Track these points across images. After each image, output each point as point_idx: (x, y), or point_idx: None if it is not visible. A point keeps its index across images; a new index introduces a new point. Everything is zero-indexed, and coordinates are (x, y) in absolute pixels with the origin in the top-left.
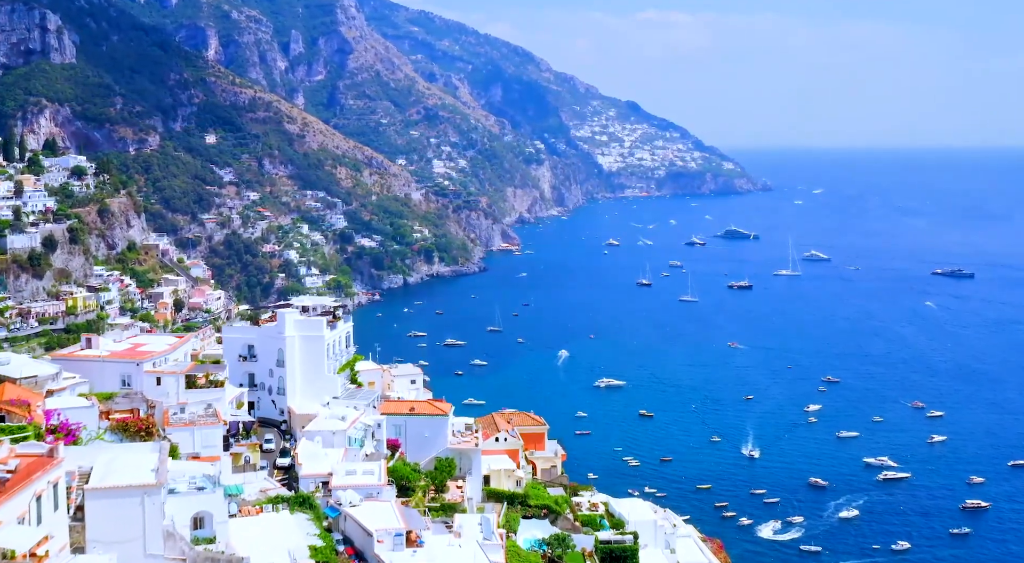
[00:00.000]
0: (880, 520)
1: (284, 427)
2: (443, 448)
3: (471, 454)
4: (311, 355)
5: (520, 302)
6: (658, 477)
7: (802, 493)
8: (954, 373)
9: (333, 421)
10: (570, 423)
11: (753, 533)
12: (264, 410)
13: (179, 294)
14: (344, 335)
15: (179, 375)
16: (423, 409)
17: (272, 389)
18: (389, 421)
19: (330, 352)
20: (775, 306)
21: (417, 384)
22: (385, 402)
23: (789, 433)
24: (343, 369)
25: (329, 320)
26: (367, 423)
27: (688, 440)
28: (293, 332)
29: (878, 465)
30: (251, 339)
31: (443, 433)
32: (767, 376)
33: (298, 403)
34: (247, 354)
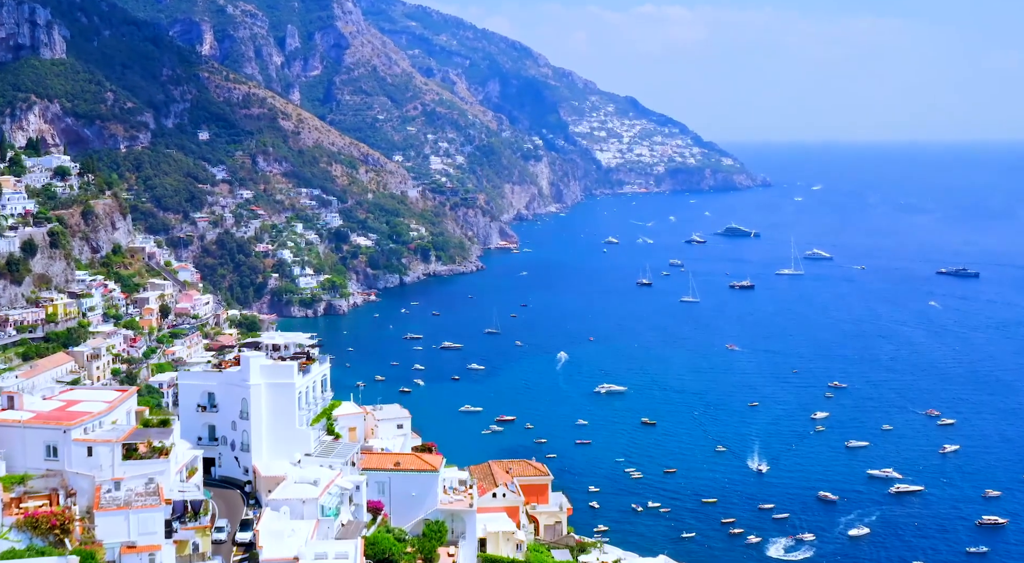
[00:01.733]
0: (894, 537)
1: (248, 489)
2: (433, 508)
3: (465, 516)
4: (280, 406)
5: (518, 303)
6: (662, 490)
7: (812, 508)
8: (964, 378)
9: (303, 487)
10: (570, 432)
11: (762, 552)
12: (226, 468)
13: (166, 299)
14: (320, 379)
15: (115, 444)
16: (409, 464)
17: (235, 444)
18: (371, 477)
19: (303, 401)
20: (778, 307)
21: (404, 429)
22: (366, 456)
23: (796, 443)
24: (318, 419)
25: (301, 363)
26: (344, 486)
27: (692, 450)
28: (259, 379)
29: (883, 477)
30: (211, 386)
31: (432, 491)
32: (772, 381)
33: (264, 462)
34: (207, 403)
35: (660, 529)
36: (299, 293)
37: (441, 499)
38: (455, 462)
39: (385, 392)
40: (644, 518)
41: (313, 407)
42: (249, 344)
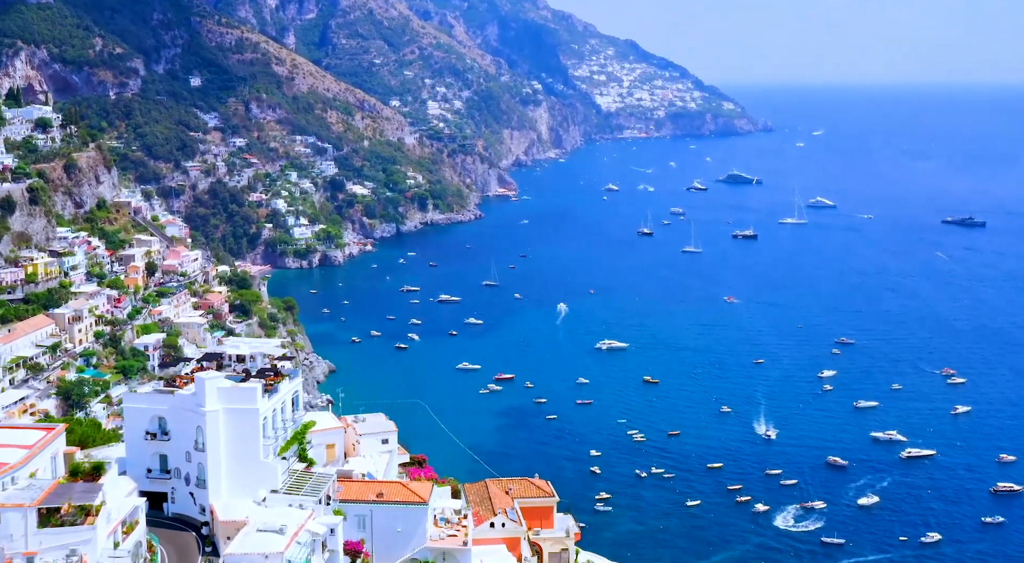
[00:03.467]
0: (906, 506)
1: (206, 531)
2: (421, 547)
3: (459, 555)
4: (241, 435)
5: (517, 254)
6: (665, 454)
7: (820, 474)
8: (973, 334)
9: (267, 537)
10: (570, 391)
11: (770, 522)
12: (181, 504)
13: (152, 256)
14: (290, 397)
15: (28, 509)
16: (394, 494)
17: (190, 478)
18: (350, 511)
19: (268, 428)
20: (782, 258)
21: (390, 444)
22: (344, 485)
23: (804, 404)
24: (287, 446)
25: (266, 383)
26: (315, 532)
27: (696, 411)
28: (216, 405)
29: (887, 440)
30: (161, 410)
31: (421, 526)
32: (777, 337)
33: (223, 502)
34: (157, 430)
35: (664, 497)
36: (293, 244)
37: (431, 534)
38: (452, 426)
39: (381, 348)
40: (648, 485)
41: (281, 433)
42: (211, 356)
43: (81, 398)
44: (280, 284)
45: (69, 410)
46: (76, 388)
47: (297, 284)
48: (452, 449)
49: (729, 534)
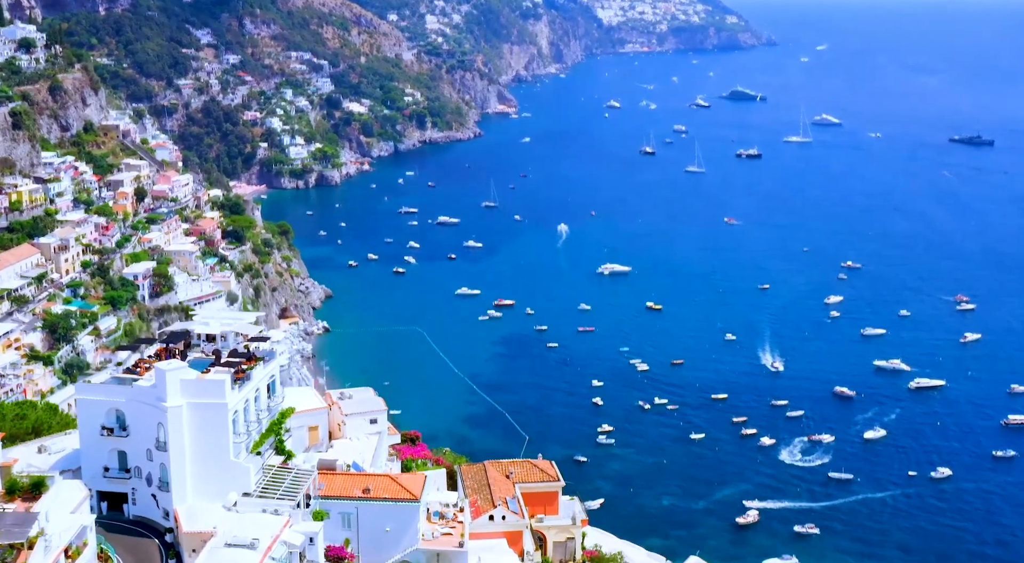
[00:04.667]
0: (915, 440)
1: (170, 538)
2: (413, 547)
3: (454, 557)
4: (208, 433)
5: (517, 173)
6: (669, 385)
7: (827, 405)
8: (982, 258)
9: (236, 553)
10: (572, 318)
11: (775, 456)
12: (142, 507)
13: (142, 181)
14: (266, 383)
15: None
16: (383, 490)
17: (152, 479)
18: (333, 508)
19: (240, 423)
20: (787, 178)
21: (379, 424)
22: (327, 479)
23: (810, 331)
24: (262, 441)
25: (237, 372)
26: (291, 543)
27: (700, 339)
28: (179, 399)
29: (890, 369)
30: (118, 403)
31: (412, 526)
32: (782, 261)
33: (189, 506)
34: (114, 425)
35: (668, 430)
36: (289, 163)
37: (423, 532)
38: (451, 355)
39: (378, 272)
40: (651, 417)
41: (255, 427)
42: (176, 335)
43: (68, 331)
44: (276, 206)
45: (56, 344)
46: (63, 321)
47: (293, 205)
48: (450, 383)
49: (734, 469)
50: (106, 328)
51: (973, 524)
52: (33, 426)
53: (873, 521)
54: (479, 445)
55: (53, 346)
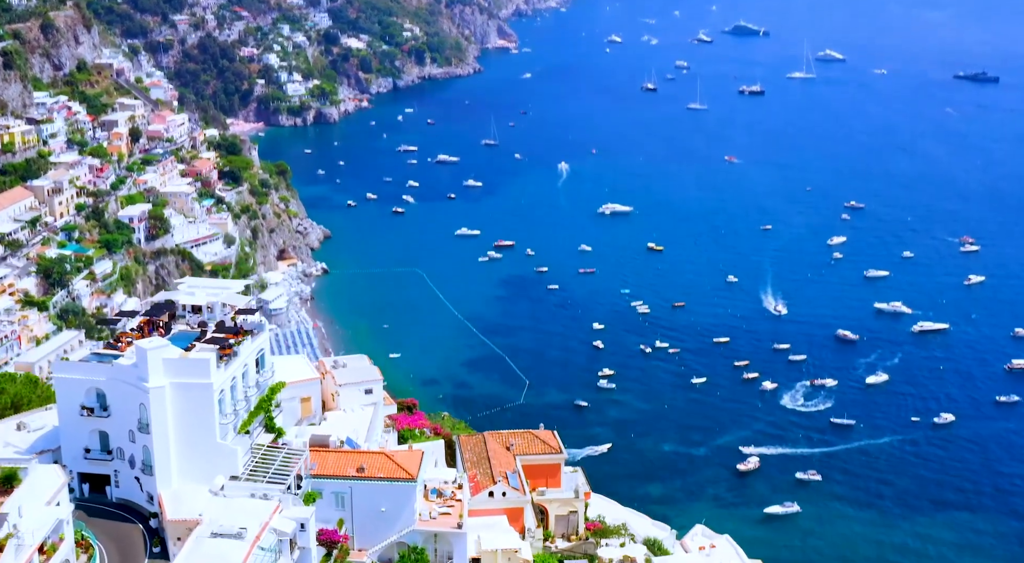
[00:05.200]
0: (918, 385)
1: (155, 523)
2: (409, 528)
3: (452, 538)
4: (192, 415)
5: (517, 110)
6: (670, 328)
7: (829, 349)
8: (986, 198)
9: (223, 544)
10: (573, 259)
11: (777, 401)
12: (126, 489)
13: (136, 121)
14: (255, 358)
15: None
16: (378, 468)
17: (135, 461)
18: (326, 488)
19: (226, 403)
20: (790, 116)
21: (375, 395)
22: (319, 458)
23: (812, 273)
24: (251, 419)
25: (222, 349)
26: (282, 530)
27: (701, 281)
28: (161, 380)
29: (892, 312)
30: (98, 382)
31: (408, 506)
32: (785, 201)
33: (174, 491)
34: (95, 405)
35: (669, 374)
36: (287, 101)
37: (420, 512)
38: (450, 297)
39: (377, 212)
40: (652, 361)
41: (243, 406)
42: (160, 307)
43: (63, 276)
44: (273, 144)
45: (50, 289)
46: (57, 265)
47: (291, 143)
48: (449, 325)
49: (735, 414)
50: (101, 272)
51: (975, 472)
52: (12, 401)
53: (875, 468)
54: (479, 390)
55: (48, 291)
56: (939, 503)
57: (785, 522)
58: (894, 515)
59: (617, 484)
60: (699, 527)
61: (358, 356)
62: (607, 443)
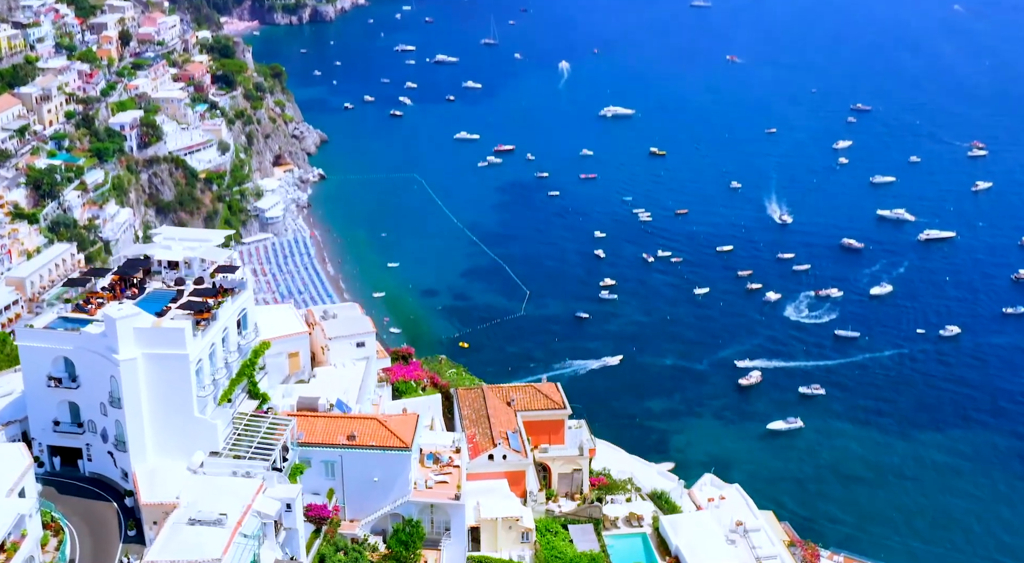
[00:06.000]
0: (923, 296)
1: (130, 503)
2: (404, 499)
3: (449, 509)
4: (168, 388)
5: (517, 7)
6: (673, 235)
7: (834, 258)
8: (996, 100)
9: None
10: (574, 165)
11: (781, 312)
12: (98, 463)
13: (126, 23)
14: (235, 319)
15: None
16: (370, 436)
17: (107, 435)
18: (315, 457)
19: (205, 373)
20: (796, 12)
21: (367, 348)
22: (307, 425)
23: (818, 179)
24: (233, 387)
25: (199, 313)
26: (265, 513)
27: (705, 187)
28: (133, 351)
29: (895, 219)
30: (66, 351)
31: (402, 476)
32: (789, 103)
33: (149, 470)
34: (62, 374)
35: (672, 284)
36: None
37: (416, 480)
38: (449, 204)
39: (374, 115)
40: (654, 270)
41: (223, 373)
42: (134, 263)
43: (53, 187)
44: (268, 44)
45: (40, 200)
46: (47, 176)
47: (286, 42)
48: (449, 233)
49: (738, 326)
50: (93, 182)
51: (980, 385)
52: None
53: (879, 382)
54: (478, 300)
55: (38, 203)
56: (944, 419)
57: (788, 438)
58: (898, 431)
59: (620, 398)
60: (708, 476)
61: (349, 305)
62: (619, 355)
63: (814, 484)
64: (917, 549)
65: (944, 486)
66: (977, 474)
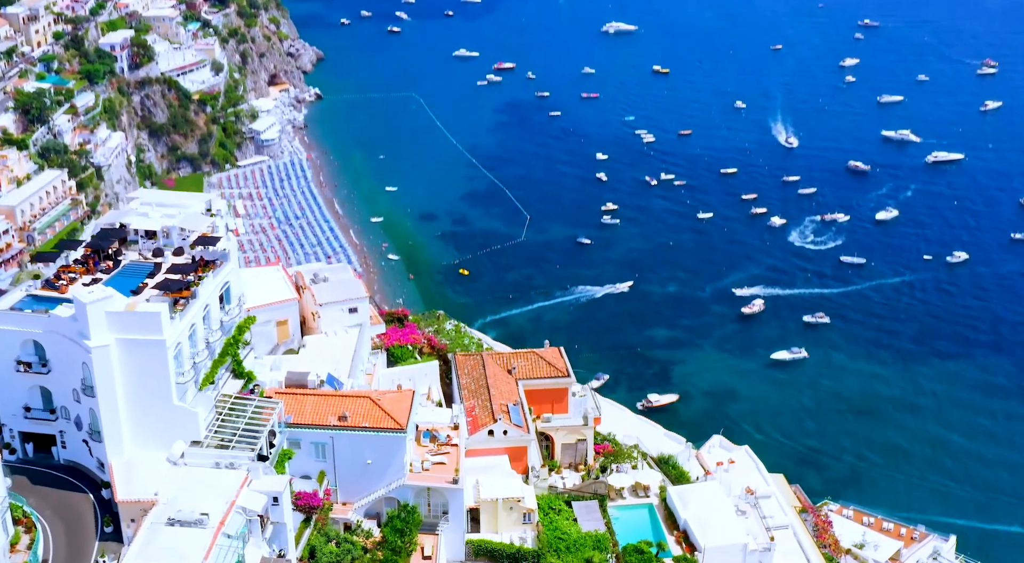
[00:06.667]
0: (929, 220)
1: (107, 495)
2: (399, 482)
3: (447, 492)
4: (144, 376)
5: None
6: (676, 158)
7: (840, 181)
8: (1007, 15)
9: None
10: (575, 83)
11: (785, 238)
12: (73, 450)
13: None
14: (217, 294)
15: None
16: (363, 416)
17: (82, 423)
18: (304, 438)
19: (183, 359)
20: None
21: (360, 313)
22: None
23: (824, 97)
24: (215, 369)
25: (178, 293)
26: (250, 508)
27: (709, 106)
28: (106, 337)
29: (899, 140)
30: (34, 334)
31: (397, 458)
32: (795, 18)
33: (126, 461)
34: (32, 359)
35: (674, 209)
36: None
37: (411, 462)
38: (448, 124)
39: (372, 31)
40: (657, 194)
41: (205, 354)
42: (109, 233)
43: (42, 111)
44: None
45: (30, 125)
46: (36, 100)
47: None
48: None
49: (742, 252)
50: (83, 105)
51: (988, 315)
52: None
53: (885, 311)
54: (478, 225)
55: (27, 128)
56: (951, 349)
57: (792, 368)
58: (903, 362)
59: (622, 327)
60: (716, 438)
61: (342, 266)
62: (630, 280)
63: (818, 416)
64: (915, 483)
65: (945, 419)
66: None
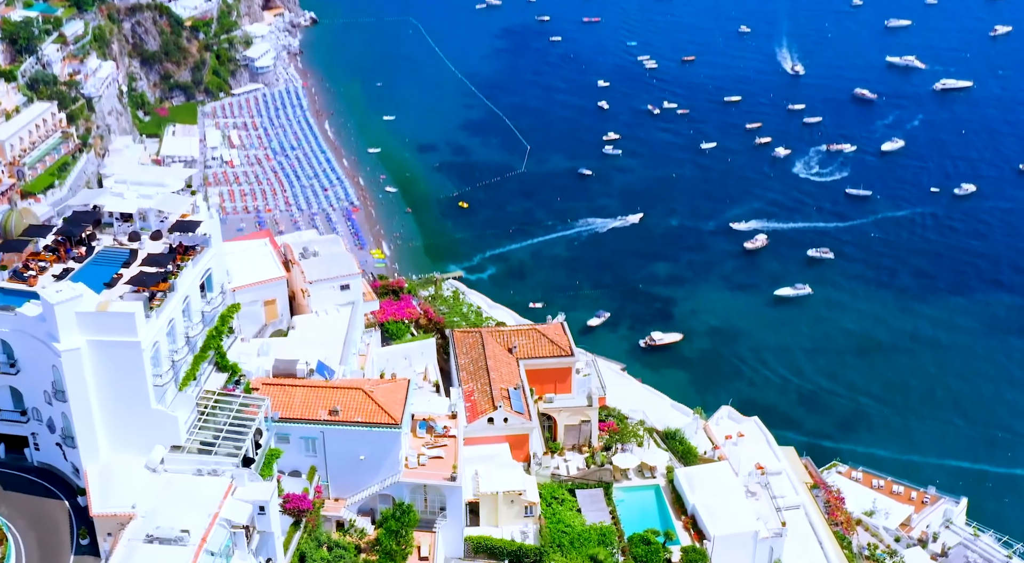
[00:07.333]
0: (939, 150)
1: (83, 502)
2: (394, 479)
3: (444, 488)
4: (119, 379)
5: None
6: (679, 85)
7: (846, 109)
8: None
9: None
10: (576, 6)
11: (789, 169)
12: (47, 453)
13: None
14: (200, 282)
15: None
16: (355, 410)
17: (55, 426)
18: (294, 433)
19: (161, 359)
20: None
21: (353, 290)
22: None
23: (830, 22)
24: (197, 365)
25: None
26: (234, 521)
27: (713, 31)
28: (76, 339)
29: (903, 66)
30: (2, 333)
31: (392, 454)
32: None
33: (102, 467)
34: (1, 359)
35: (677, 139)
36: None
37: (407, 457)
38: (446, 50)
39: None
40: (659, 123)
41: (185, 351)
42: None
43: (30, 41)
44: None
45: (17, 56)
46: (23, 30)
47: None
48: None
49: (746, 185)
50: (72, 34)
51: (995, 249)
52: None
53: (890, 245)
54: (478, 156)
55: (15, 59)
56: (956, 283)
57: (796, 305)
58: (909, 297)
59: (623, 261)
60: (725, 409)
61: (332, 238)
62: (640, 212)
63: (824, 354)
64: (914, 427)
65: (945, 360)
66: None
